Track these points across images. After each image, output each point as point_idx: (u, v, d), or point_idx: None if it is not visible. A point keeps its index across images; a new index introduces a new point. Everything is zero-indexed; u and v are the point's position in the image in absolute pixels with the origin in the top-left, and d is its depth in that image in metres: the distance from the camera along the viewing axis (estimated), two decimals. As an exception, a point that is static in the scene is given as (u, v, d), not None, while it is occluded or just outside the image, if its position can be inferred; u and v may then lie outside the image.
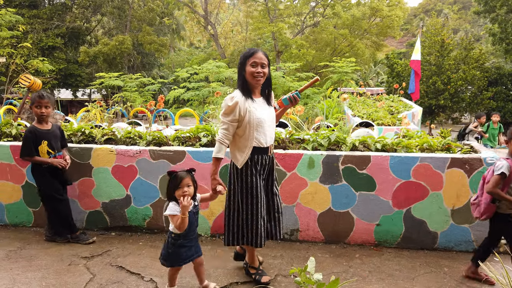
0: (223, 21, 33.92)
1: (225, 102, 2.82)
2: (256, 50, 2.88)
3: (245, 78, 2.86)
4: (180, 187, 2.62)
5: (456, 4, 78.78)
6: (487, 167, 3.53)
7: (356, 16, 23.69)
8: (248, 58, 2.84)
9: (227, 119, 2.81)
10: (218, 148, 2.85)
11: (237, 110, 2.78)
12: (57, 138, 3.81)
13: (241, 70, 2.88)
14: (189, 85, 9.69)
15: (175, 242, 2.70)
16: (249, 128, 2.84)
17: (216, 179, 2.89)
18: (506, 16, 23.91)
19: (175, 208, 2.65)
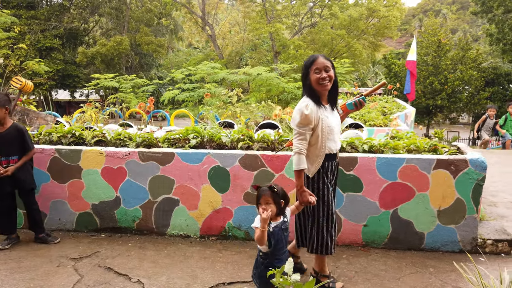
0: (221, 21, 33.97)
1: (300, 112, 2.74)
2: (316, 56, 2.82)
3: (311, 86, 2.81)
4: (260, 203, 2.53)
5: (454, 4, 78.87)
6: (472, 169, 3.56)
7: (353, 17, 23.73)
8: (310, 66, 2.79)
9: (303, 129, 2.74)
10: (298, 159, 2.74)
11: (313, 118, 2.73)
12: (9, 142, 3.70)
13: (305, 80, 2.84)
14: (184, 86, 9.71)
15: (263, 261, 2.56)
16: (321, 137, 2.80)
17: (305, 190, 2.78)
18: (503, 17, 23.93)
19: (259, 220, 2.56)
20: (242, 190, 3.90)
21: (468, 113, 29.35)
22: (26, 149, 3.81)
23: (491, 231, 3.87)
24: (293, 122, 2.81)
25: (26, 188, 3.85)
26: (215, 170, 3.88)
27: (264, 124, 5.36)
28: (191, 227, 4.02)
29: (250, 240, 3.98)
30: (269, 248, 2.49)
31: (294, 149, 2.77)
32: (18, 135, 3.75)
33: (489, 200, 5.22)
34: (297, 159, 2.74)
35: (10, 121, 3.79)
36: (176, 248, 3.83)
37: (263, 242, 2.44)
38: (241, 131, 4.22)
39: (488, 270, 3.11)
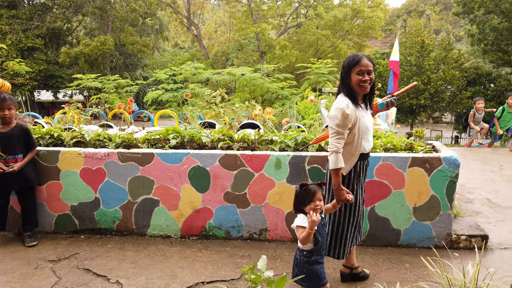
0: (207, 21, 33.88)
1: (341, 111, 2.72)
2: (361, 56, 2.79)
3: (351, 86, 2.80)
4: (313, 200, 2.54)
5: (438, 5, 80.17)
6: (446, 166, 3.65)
7: (338, 17, 23.95)
8: (353, 67, 2.76)
9: (342, 128, 2.73)
10: (336, 158, 2.73)
11: (352, 118, 2.75)
12: (14, 141, 3.83)
13: (346, 78, 2.82)
14: (168, 87, 9.68)
15: (309, 259, 2.58)
16: (357, 136, 2.81)
17: (343, 189, 2.77)
18: (483, 17, 24.44)
19: (304, 220, 2.56)
20: (222, 190, 3.92)
21: (451, 112, 29.86)
22: (30, 147, 3.96)
23: (465, 227, 3.98)
24: (331, 121, 2.78)
25: (31, 185, 3.96)
26: (195, 170, 3.89)
27: (245, 124, 5.39)
28: (171, 227, 4.03)
29: (230, 240, 4.01)
30: (314, 246, 2.55)
31: (332, 148, 2.75)
32: (23, 134, 3.91)
33: (465, 197, 5.35)
34: (335, 158, 2.74)
35: (14, 120, 3.92)
36: (156, 248, 3.83)
37: (307, 242, 2.50)
38: (221, 131, 4.24)
39: (460, 264, 3.19)
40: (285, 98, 9.73)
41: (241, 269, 3.40)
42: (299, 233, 2.55)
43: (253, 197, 3.92)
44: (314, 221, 2.42)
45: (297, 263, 2.65)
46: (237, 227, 3.99)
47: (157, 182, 3.94)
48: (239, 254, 3.73)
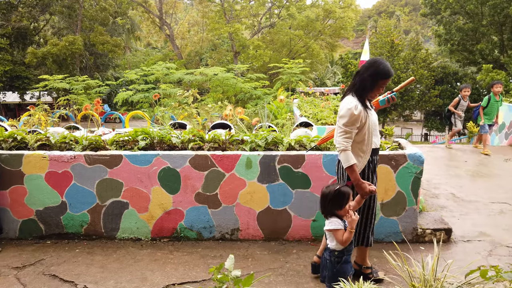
0: (180, 21, 33.53)
1: (349, 111, 2.82)
2: (391, 73, 2.88)
3: (367, 91, 2.91)
4: (346, 204, 2.62)
5: (407, 6, 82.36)
6: (411, 163, 3.77)
7: (310, 18, 24.22)
8: (382, 79, 2.87)
9: (350, 127, 2.84)
10: (346, 156, 2.82)
11: (360, 118, 2.85)
12: None
13: (370, 82, 2.88)
14: (139, 87, 9.52)
15: (340, 259, 2.63)
16: (368, 133, 2.93)
17: (364, 182, 2.86)
18: (450, 18, 25.31)
19: (339, 222, 2.63)
20: (193, 191, 3.90)
21: (420, 111, 30.78)
22: None
23: (430, 221, 4.12)
24: (340, 120, 2.88)
25: None
26: (165, 171, 3.85)
27: (217, 124, 5.38)
28: (141, 229, 3.97)
29: (202, 241, 4.00)
30: (346, 246, 2.63)
31: (340, 147, 2.85)
32: None
33: (431, 192, 5.53)
34: (345, 156, 2.83)
35: None
36: (126, 251, 3.77)
37: (349, 241, 2.56)
38: (191, 132, 4.22)
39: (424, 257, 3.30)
40: (258, 98, 9.77)
41: (213, 269, 3.39)
42: (338, 235, 2.60)
43: (225, 197, 3.92)
44: (355, 220, 2.50)
45: (327, 265, 2.69)
46: (208, 227, 3.98)
47: (126, 184, 3.88)
48: (211, 254, 3.72)
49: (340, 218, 2.69)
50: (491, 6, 21.82)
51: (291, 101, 9.21)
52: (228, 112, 4.88)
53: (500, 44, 23.80)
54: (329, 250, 2.70)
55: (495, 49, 24.00)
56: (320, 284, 3.18)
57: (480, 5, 22.67)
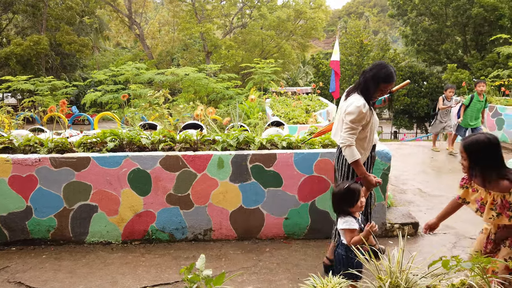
0: (150, 20, 33.00)
1: (358, 109, 2.96)
2: (394, 77, 3.03)
3: (372, 93, 3.06)
4: (357, 201, 2.65)
5: (375, 7, 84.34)
6: (379, 160, 3.87)
7: (281, 18, 24.40)
8: (387, 83, 3.02)
9: (356, 124, 2.99)
10: (351, 151, 2.98)
11: (366, 116, 3.00)
12: None
13: (372, 85, 3.02)
14: (107, 88, 9.31)
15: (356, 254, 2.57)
16: (370, 131, 3.13)
17: (370, 175, 3.04)
18: (416, 19, 26.12)
19: (352, 221, 2.64)
20: (164, 192, 3.86)
21: (389, 109, 31.58)
22: None
23: (398, 216, 4.25)
24: (348, 117, 3.00)
25: None
26: (135, 173, 3.79)
27: (189, 124, 5.33)
28: (111, 233, 3.89)
29: (174, 242, 3.96)
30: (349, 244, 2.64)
31: (345, 142, 2.99)
32: None
33: (400, 188, 5.70)
34: (351, 152, 2.98)
35: None
36: (95, 256, 3.68)
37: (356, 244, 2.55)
38: (162, 132, 4.17)
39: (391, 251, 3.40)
40: (230, 98, 9.76)
41: (185, 270, 3.37)
42: (347, 235, 2.63)
43: (197, 198, 3.89)
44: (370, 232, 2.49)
45: (342, 260, 2.69)
46: (181, 229, 3.94)
47: (95, 187, 3.79)
48: (184, 256, 3.69)
49: (354, 216, 2.70)
50: (455, 8, 22.70)
51: (263, 101, 9.26)
52: (200, 112, 4.86)
53: (464, 44, 24.79)
54: (344, 246, 2.71)
55: (459, 49, 24.99)
56: (293, 281, 3.22)
57: (444, 6, 23.54)
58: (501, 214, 2.25)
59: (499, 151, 2.30)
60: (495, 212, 2.27)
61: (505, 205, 2.24)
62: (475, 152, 2.31)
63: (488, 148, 2.28)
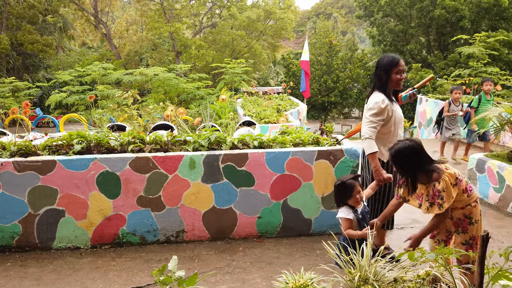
0: (117, 19, 32.21)
1: (377, 104, 3.11)
2: (399, 57, 3.17)
3: (388, 84, 3.19)
4: (353, 195, 2.78)
5: (343, 8, 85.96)
6: (348, 157, 3.96)
7: (251, 18, 24.46)
8: (393, 67, 3.15)
9: (377, 119, 3.13)
10: (370, 144, 3.11)
11: (386, 111, 3.13)
12: None
13: (384, 75, 3.18)
14: (73, 89, 9.03)
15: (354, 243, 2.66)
16: (394, 126, 3.25)
17: (382, 169, 3.11)
18: (382, 20, 26.85)
19: (347, 212, 2.81)
20: (134, 194, 3.79)
21: (358, 108, 32.35)
22: None
23: (367, 212, 4.35)
24: (368, 111, 3.17)
25: None
26: (104, 175, 3.70)
27: (159, 125, 5.26)
28: (80, 237, 3.79)
29: (146, 245, 3.90)
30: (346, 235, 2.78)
31: (365, 135, 3.13)
32: None
33: (369, 184, 5.84)
34: (369, 144, 3.11)
35: None
36: (63, 262, 3.57)
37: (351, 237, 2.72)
38: (131, 134, 4.09)
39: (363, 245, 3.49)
40: (201, 98, 9.69)
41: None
42: (343, 223, 2.83)
43: (168, 199, 3.85)
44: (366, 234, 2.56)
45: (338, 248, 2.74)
46: (152, 231, 3.89)
47: (62, 191, 3.67)
48: (156, 258, 3.64)
49: (353, 208, 2.88)
50: (418, 9, 23.50)
51: (234, 101, 9.26)
52: (170, 113, 4.80)
53: (427, 45, 25.71)
54: (342, 236, 2.91)
55: (423, 49, 25.88)
56: (266, 279, 3.25)
57: (408, 8, 24.32)
58: (433, 203, 2.47)
59: (421, 154, 2.52)
60: (429, 203, 2.49)
61: (435, 193, 2.45)
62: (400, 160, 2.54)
63: (411, 154, 2.50)
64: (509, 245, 3.02)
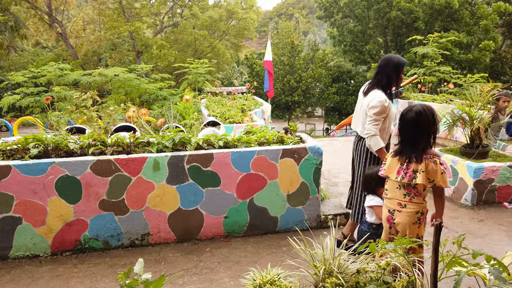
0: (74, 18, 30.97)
1: (380, 103, 3.30)
2: (404, 59, 3.46)
3: (392, 83, 3.43)
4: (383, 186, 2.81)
5: (304, 9, 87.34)
6: (311, 155, 4.05)
7: (213, 18, 24.31)
8: (403, 66, 3.41)
9: (380, 116, 3.33)
10: (376, 140, 3.33)
11: (388, 109, 3.35)
12: None
13: (394, 74, 3.41)
14: (27, 91, 8.60)
15: (377, 231, 2.93)
16: (389, 122, 3.46)
17: None
18: (342, 21, 27.57)
19: (378, 199, 3.02)
20: (96, 198, 3.68)
21: (321, 107, 33.04)
22: None
23: (331, 207, 4.48)
24: (372, 110, 3.34)
25: None
26: (63, 180, 3.57)
27: (120, 127, 5.13)
28: (39, 245, 3.63)
29: (110, 250, 3.79)
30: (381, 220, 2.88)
31: (371, 132, 3.33)
32: None
33: (332, 181, 6.00)
34: (376, 141, 3.33)
35: None
36: (21, 271, 3.41)
37: None
38: (91, 136, 3.97)
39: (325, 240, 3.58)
40: (164, 99, 9.53)
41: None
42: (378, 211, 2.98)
43: (132, 202, 3.78)
44: None
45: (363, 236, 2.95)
46: (116, 235, 3.79)
47: (18, 197, 3.50)
48: (120, 263, 3.56)
49: (379, 196, 3.04)
50: (376, 11, 24.33)
51: (198, 101, 9.19)
52: (132, 114, 4.70)
53: (385, 45, 26.67)
54: (367, 223, 3.10)
55: (381, 50, 26.83)
56: (234, 278, 3.26)
57: (366, 9, 25.13)
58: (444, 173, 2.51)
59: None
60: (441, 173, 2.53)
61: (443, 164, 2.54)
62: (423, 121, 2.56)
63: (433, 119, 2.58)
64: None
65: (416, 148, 2.49)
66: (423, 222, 2.58)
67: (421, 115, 2.49)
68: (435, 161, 2.46)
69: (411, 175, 2.49)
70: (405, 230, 2.54)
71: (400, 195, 2.57)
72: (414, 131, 2.50)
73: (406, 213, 2.54)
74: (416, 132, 2.50)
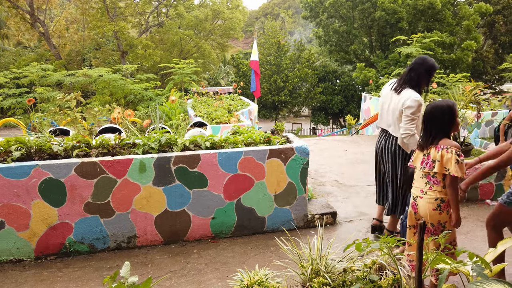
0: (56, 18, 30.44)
1: (417, 103, 3.39)
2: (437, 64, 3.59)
3: (423, 84, 3.54)
4: None
5: (290, 9, 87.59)
6: (298, 155, 4.07)
7: (199, 18, 24.20)
8: (434, 71, 3.54)
9: (416, 115, 3.42)
10: (415, 139, 3.36)
11: (421, 108, 3.39)
12: None
13: (426, 76, 3.53)
14: (9, 92, 8.42)
15: None
16: (419, 121, 3.46)
17: None
18: (327, 21, 27.74)
19: None
20: (81, 201, 3.63)
21: (307, 107, 33.19)
22: None
23: (318, 207, 4.51)
24: (408, 110, 3.42)
25: None
26: (47, 182, 3.51)
27: (105, 128, 5.07)
28: (22, 249, 3.56)
29: (95, 253, 3.75)
30: None
31: (409, 132, 3.41)
32: None
33: (319, 180, 6.04)
34: (414, 140, 3.38)
35: None
36: (4, 276, 3.34)
37: None
38: (76, 138, 3.91)
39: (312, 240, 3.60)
40: (149, 100, 9.44)
41: (109, 281, 3.22)
42: None
43: (118, 205, 3.73)
44: None
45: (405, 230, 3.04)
46: (102, 238, 3.75)
47: (0, 201, 3.43)
48: (106, 266, 3.52)
49: None
50: (360, 11, 24.57)
51: (184, 102, 9.13)
52: (117, 115, 4.64)
53: (370, 45, 26.95)
54: None
55: (366, 49, 27.10)
56: (222, 279, 3.26)
57: (351, 9, 25.34)
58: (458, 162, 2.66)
59: None
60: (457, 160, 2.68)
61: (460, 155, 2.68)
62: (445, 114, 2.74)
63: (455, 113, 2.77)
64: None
65: (431, 137, 2.73)
66: (444, 209, 2.71)
67: (435, 107, 2.73)
68: (451, 151, 2.64)
69: (431, 165, 2.70)
70: (426, 215, 2.71)
71: (422, 184, 2.77)
72: (429, 122, 2.75)
73: (427, 199, 2.72)
74: (431, 123, 2.74)
